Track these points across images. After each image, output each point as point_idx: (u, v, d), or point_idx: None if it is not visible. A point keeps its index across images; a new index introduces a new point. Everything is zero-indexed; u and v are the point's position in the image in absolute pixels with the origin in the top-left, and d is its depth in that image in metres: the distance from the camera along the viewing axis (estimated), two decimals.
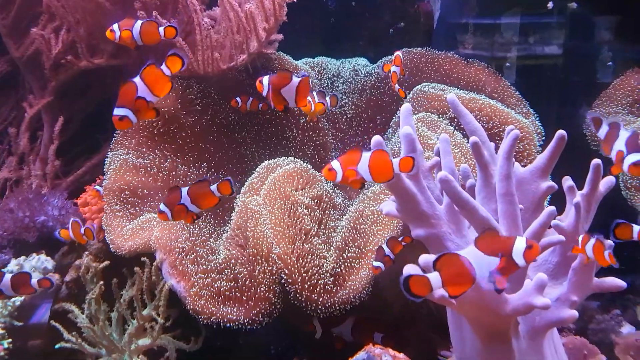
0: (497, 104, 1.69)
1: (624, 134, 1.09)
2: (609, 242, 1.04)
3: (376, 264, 1.23)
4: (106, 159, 1.56)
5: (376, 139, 1.03)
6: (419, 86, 1.79)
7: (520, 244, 0.80)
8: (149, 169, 1.54)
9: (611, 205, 1.68)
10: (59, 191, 1.60)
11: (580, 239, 1.01)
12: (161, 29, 1.26)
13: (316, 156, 1.92)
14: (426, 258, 0.91)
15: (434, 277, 0.78)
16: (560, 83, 2.01)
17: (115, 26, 1.25)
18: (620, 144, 1.08)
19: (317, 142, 1.91)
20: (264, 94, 1.26)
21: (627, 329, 1.66)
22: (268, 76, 1.25)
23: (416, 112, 1.72)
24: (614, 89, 1.79)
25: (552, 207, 0.99)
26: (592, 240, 0.99)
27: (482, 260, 0.80)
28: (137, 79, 1.05)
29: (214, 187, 1.19)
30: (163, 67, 1.07)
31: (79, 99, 1.93)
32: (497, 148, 1.12)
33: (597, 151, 1.77)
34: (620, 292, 1.86)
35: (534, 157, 1.55)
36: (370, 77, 2.00)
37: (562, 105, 1.96)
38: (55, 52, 1.71)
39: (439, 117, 1.65)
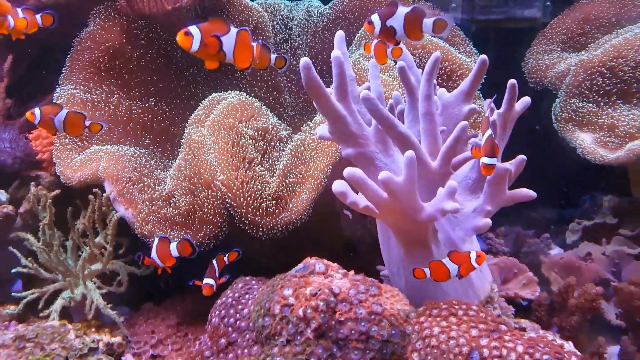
0: (439, 41, 1.74)
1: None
2: None
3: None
4: (54, 95, 1.58)
5: (304, 60, 1.07)
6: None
7: None
8: (96, 103, 1.57)
9: (543, 135, 1.79)
10: (11, 126, 1.61)
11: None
12: None
13: (270, 98, 1.96)
14: (350, 170, 0.99)
15: None
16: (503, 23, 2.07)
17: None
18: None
19: (270, 84, 1.95)
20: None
21: (555, 251, 1.81)
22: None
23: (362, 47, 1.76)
24: (550, 27, 1.86)
25: (465, 122, 1.07)
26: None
27: None
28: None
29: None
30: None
31: (27, 39, 1.90)
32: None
33: (534, 88, 1.86)
34: (553, 221, 2.01)
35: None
36: (323, 19, 2.02)
37: (505, 44, 2.03)
38: None
39: None
